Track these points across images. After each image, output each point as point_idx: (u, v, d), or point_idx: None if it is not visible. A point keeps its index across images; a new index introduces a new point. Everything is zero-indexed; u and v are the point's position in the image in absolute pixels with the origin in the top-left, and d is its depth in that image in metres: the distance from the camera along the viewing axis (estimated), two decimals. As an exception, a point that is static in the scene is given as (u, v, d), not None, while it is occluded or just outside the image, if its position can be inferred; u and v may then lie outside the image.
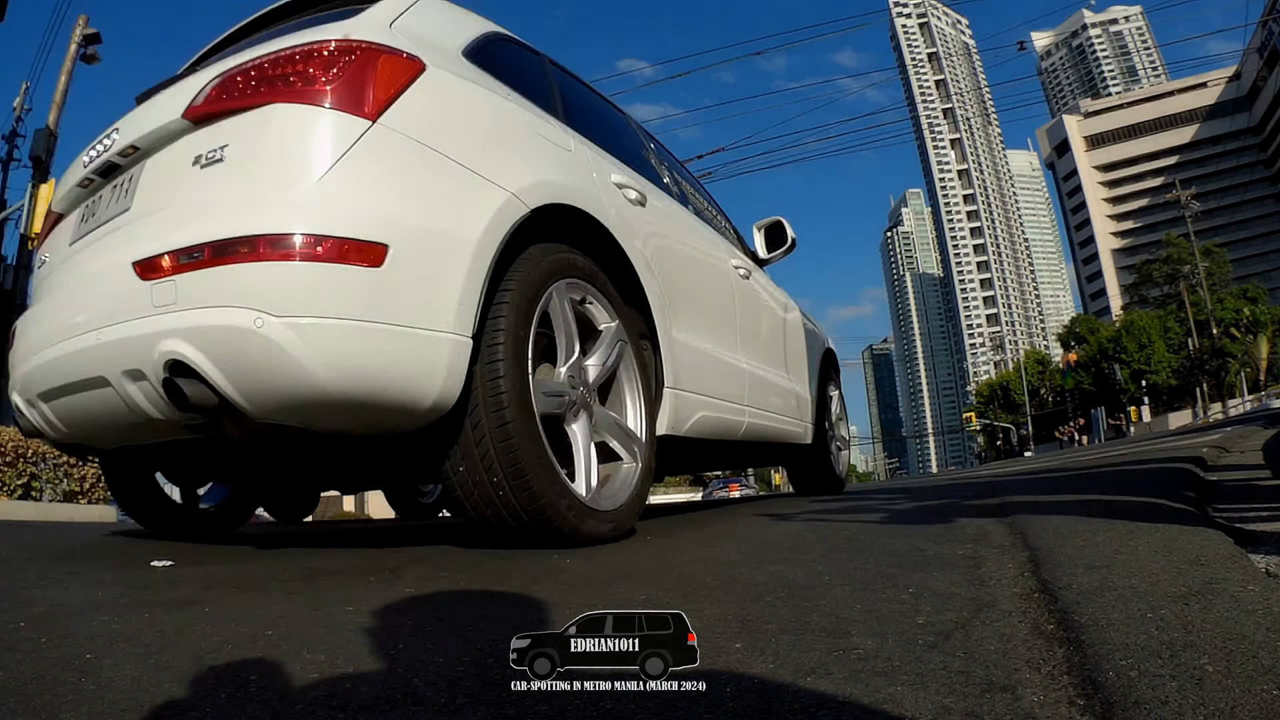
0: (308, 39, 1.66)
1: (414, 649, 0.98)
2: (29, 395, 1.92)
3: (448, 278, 1.55)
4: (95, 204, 1.96)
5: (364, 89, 1.58)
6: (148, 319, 1.49)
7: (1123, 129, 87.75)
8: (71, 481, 7.52)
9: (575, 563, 1.63)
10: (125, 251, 1.58)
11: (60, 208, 2.14)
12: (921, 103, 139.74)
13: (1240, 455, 3.67)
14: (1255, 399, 32.41)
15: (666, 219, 2.50)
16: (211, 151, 1.60)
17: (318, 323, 1.40)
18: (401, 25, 1.86)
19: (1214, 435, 5.82)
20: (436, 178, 1.63)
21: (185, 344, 1.43)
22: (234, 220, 1.45)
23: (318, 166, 1.50)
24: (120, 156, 1.86)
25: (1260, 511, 1.73)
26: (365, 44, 1.65)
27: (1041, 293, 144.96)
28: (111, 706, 0.79)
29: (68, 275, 1.91)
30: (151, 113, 1.82)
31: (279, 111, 1.57)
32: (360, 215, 1.48)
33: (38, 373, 1.84)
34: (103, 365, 1.59)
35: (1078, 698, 0.73)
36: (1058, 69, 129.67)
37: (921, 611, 1.05)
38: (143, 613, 1.21)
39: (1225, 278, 46.76)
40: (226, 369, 1.41)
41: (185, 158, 1.65)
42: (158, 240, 1.53)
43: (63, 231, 2.09)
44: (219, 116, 1.64)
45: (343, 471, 2.45)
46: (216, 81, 1.68)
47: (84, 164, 2.00)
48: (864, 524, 2.09)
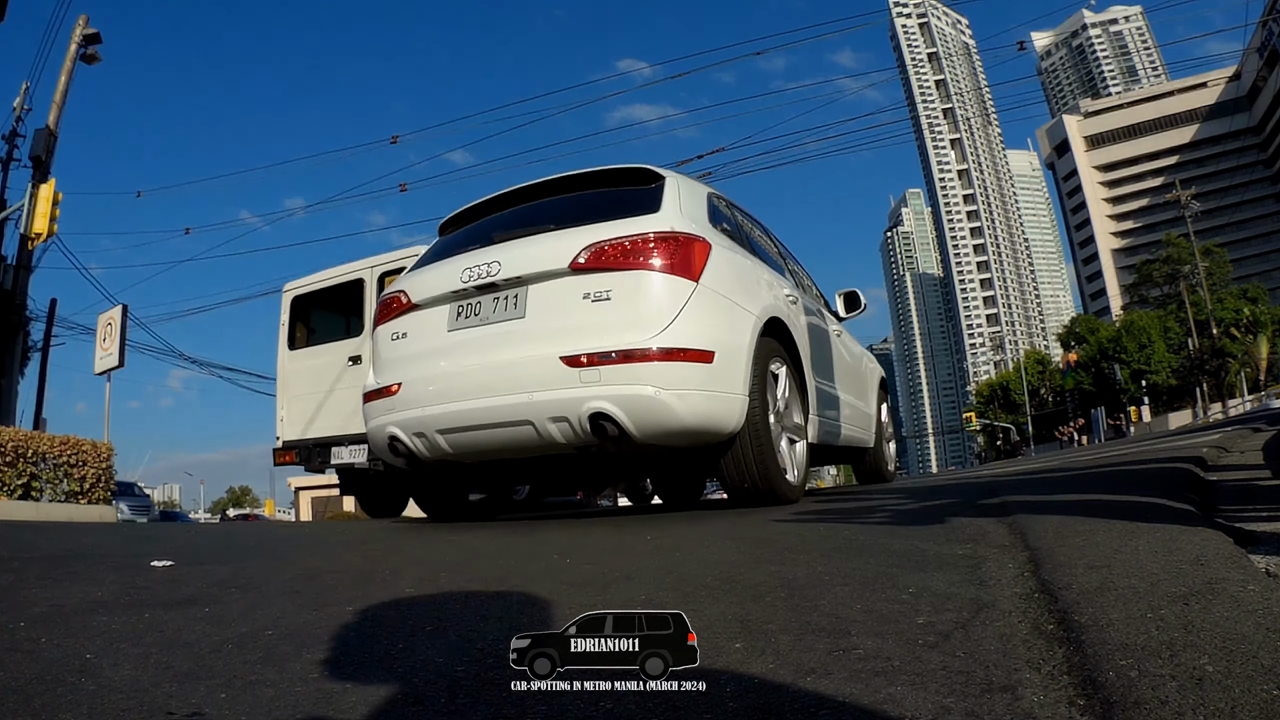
0: (651, 228, 2.73)
1: (414, 649, 0.98)
2: (422, 429, 2.86)
3: (739, 365, 2.73)
4: (474, 307, 2.88)
5: (691, 263, 2.70)
6: (576, 389, 2.56)
7: (1123, 129, 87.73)
8: (71, 482, 7.52)
9: (575, 563, 1.63)
10: (548, 348, 2.63)
11: (418, 299, 3.04)
12: (921, 103, 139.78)
13: (1240, 455, 3.67)
14: (1255, 399, 32.40)
15: (803, 309, 3.69)
16: (600, 293, 2.65)
17: (686, 392, 2.55)
18: (685, 210, 2.97)
19: (1214, 435, 5.81)
20: (726, 310, 2.78)
21: (608, 403, 2.53)
22: (633, 337, 2.57)
23: (675, 307, 2.62)
24: (504, 282, 2.81)
25: (1260, 511, 1.73)
26: (686, 235, 2.76)
27: (1041, 293, 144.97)
28: (111, 706, 0.79)
29: (463, 353, 2.84)
30: (529, 256, 2.81)
31: (647, 275, 2.65)
32: (701, 336, 2.62)
33: (445, 415, 2.80)
34: (531, 414, 2.63)
35: (1078, 698, 0.73)
36: (1058, 69, 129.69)
37: (921, 611, 1.05)
38: (143, 613, 1.21)
39: (1225, 278, 46.74)
40: (632, 416, 2.53)
41: (575, 293, 2.68)
42: (576, 345, 2.59)
43: (429, 317, 2.99)
44: (597, 271, 2.67)
45: (646, 472, 4.17)
46: (592, 249, 2.70)
47: (461, 279, 2.88)
48: (864, 524, 2.09)
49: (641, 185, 3.14)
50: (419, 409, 2.86)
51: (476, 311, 2.86)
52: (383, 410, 3.00)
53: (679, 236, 2.73)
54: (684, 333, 2.59)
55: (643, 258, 2.66)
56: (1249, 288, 45.07)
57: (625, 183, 3.20)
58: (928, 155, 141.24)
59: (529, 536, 2.40)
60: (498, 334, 2.78)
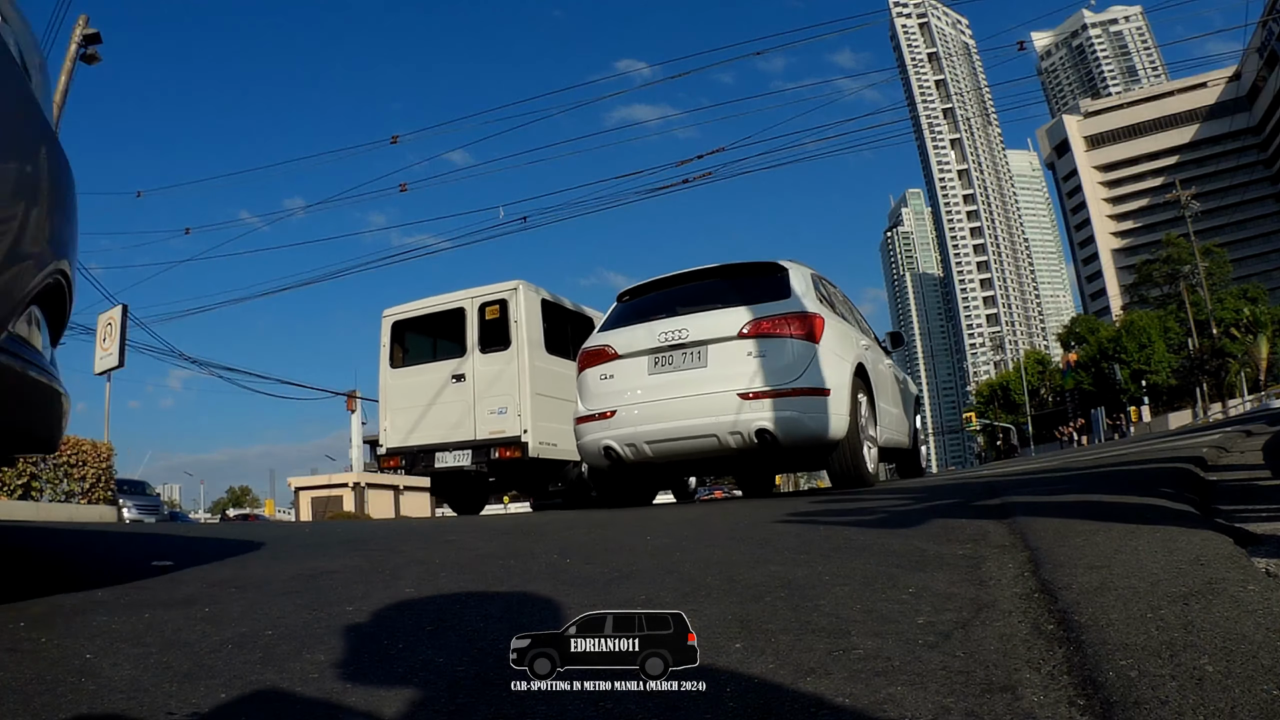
0: (788, 310, 4.15)
1: (414, 649, 0.98)
2: (633, 441, 4.25)
3: (843, 397, 4.10)
4: (667, 358, 4.26)
5: (814, 332, 4.07)
6: (746, 414, 3.98)
7: (1123, 129, 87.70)
8: (72, 482, 7.52)
9: (575, 562, 1.63)
10: (729, 387, 4.04)
11: (622, 351, 4.41)
12: (921, 103, 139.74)
13: (1240, 455, 3.67)
14: (1255, 399, 32.39)
15: (872, 352, 5.15)
16: (758, 351, 4.07)
17: (815, 415, 3.97)
18: (804, 293, 4.34)
19: (1214, 435, 5.81)
20: (835, 361, 4.14)
21: (768, 422, 3.94)
22: (781, 380, 4.00)
23: (806, 361, 4.02)
24: (692, 342, 4.21)
25: (1260, 511, 1.73)
26: (811, 313, 4.14)
27: (1041, 293, 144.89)
28: (112, 706, 0.79)
29: (661, 389, 4.22)
30: (708, 326, 4.21)
31: (789, 340, 4.05)
32: (822, 379, 3.99)
33: (652, 431, 4.20)
34: (716, 430, 4.05)
35: (1078, 698, 0.73)
36: (1058, 69, 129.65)
37: (921, 611, 1.05)
38: (143, 613, 1.21)
39: (1225, 278, 46.72)
40: (782, 430, 3.94)
41: (741, 351, 4.10)
42: (745, 385, 4.01)
43: (631, 364, 4.36)
44: (755, 337, 4.09)
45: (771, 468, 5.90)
46: (751, 323, 4.12)
47: (658, 339, 4.28)
48: (864, 524, 2.09)
49: (773, 275, 4.60)
50: (631, 427, 4.29)
51: (670, 362, 4.30)
52: (599, 428, 4.39)
53: (806, 314, 4.19)
54: (812, 377, 4.06)
55: (785, 329, 4.13)
56: (1249, 288, 45.06)
57: (761, 272, 4.69)
58: (928, 155, 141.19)
59: (529, 536, 2.40)
60: (687, 377, 4.22)
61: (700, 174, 17.13)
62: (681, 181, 19.28)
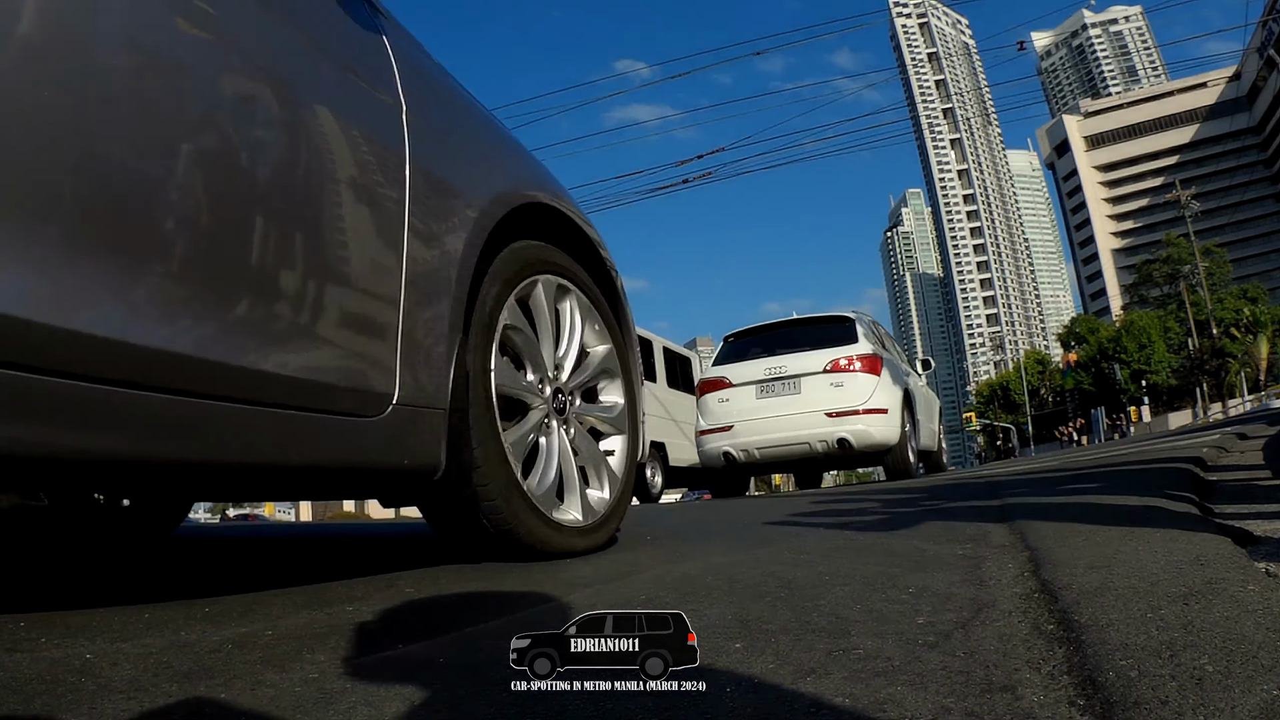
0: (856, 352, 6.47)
1: (414, 649, 0.98)
2: (746, 448, 6.57)
3: (896, 415, 6.45)
4: (770, 387, 6.54)
5: (876, 368, 6.43)
6: (831, 428, 6.36)
7: (1123, 129, 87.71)
8: (71, 481, 7.51)
9: (575, 562, 1.63)
10: (818, 408, 6.38)
11: (735, 381, 6.70)
12: (921, 103, 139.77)
13: (1240, 455, 3.67)
14: (1255, 399, 32.41)
15: (912, 379, 7.33)
16: (838, 382, 6.38)
17: (878, 428, 6.33)
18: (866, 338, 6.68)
19: (1214, 435, 5.82)
20: (889, 389, 6.45)
21: (847, 433, 6.32)
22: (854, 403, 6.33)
23: (870, 389, 6.35)
24: (789, 375, 6.51)
25: (1260, 511, 1.73)
26: (873, 355, 6.50)
27: (1041, 293, 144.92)
28: (111, 706, 0.79)
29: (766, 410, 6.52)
30: (801, 363, 6.51)
31: (859, 374, 6.38)
32: (882, 402, 6.37)
33: (761, 440, 6.54)
34: (809, 439, 6.43)
35: (1078, 698, 0.73)
36: (1058, 69, 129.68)
37: (921, 611, 1.05)
38: (143, 613, 1.21)
39: (1225, 278, 46.71)
40: (856, 439, 6.32)
41: (825, 382, 6.41)
42: (829, 406, 6.35)
43: (741, 391, 6.65)
44: (835, 372, 6.40)
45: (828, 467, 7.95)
46: (832, 361, 6.41)
47: (763, 373, 6.58)
48: (864, 524, 2.09)
49: (842, 324, 6.78)
50: (745, 437, 6.51)
51: (772, 390, 6.48)
52: (719, 439, 6.59)
53: (869, 356, 6.36)
54: (876, 401, 6.21)
55: (855, 366, 6.27)
56: (1249, 288, 45.07)
57: (833, 322, 6.87)
58: (928, 155, 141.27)
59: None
60: (787, 401, 6.39)
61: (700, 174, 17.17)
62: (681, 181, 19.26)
